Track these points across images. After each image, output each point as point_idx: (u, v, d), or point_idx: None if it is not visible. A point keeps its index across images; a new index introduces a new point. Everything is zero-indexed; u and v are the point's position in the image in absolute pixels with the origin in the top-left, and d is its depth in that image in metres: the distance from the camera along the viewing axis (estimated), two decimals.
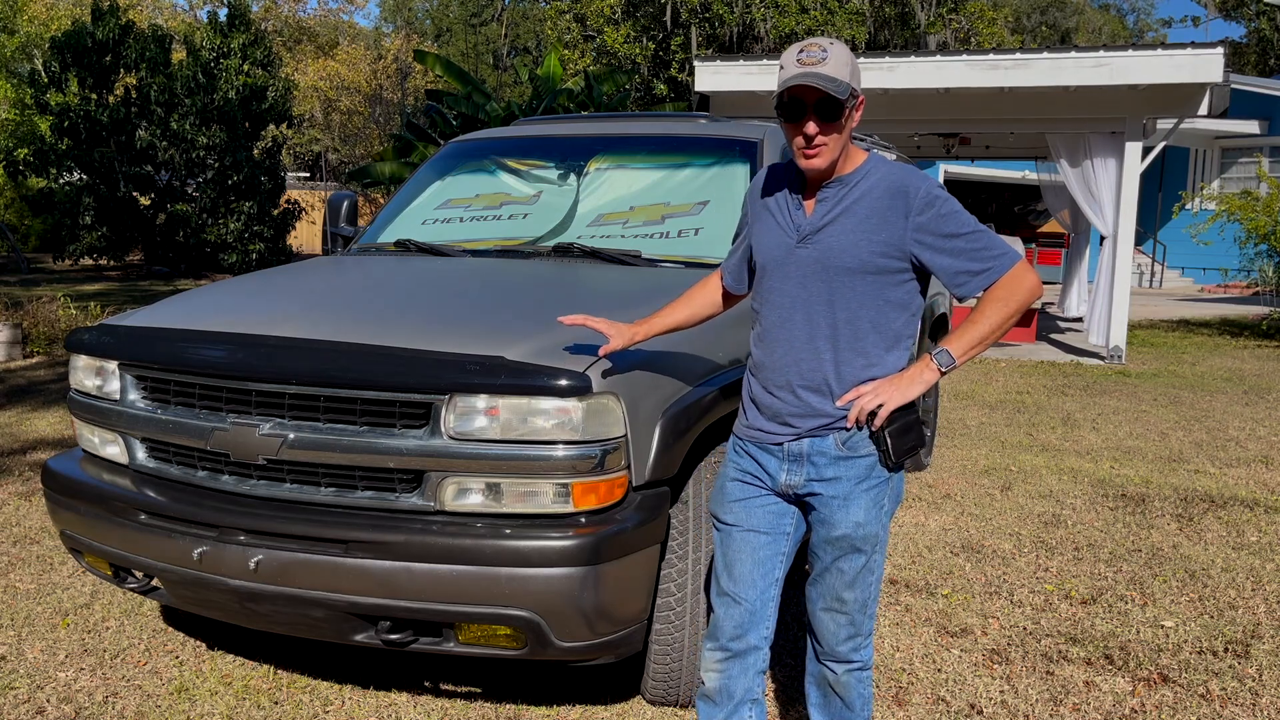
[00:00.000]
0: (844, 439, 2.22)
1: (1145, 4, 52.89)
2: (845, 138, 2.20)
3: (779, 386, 2.26)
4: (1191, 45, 9.26)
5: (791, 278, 2.24)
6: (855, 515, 2.23)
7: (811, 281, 2.22)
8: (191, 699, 3.10)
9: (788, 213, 2.29)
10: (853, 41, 23.32)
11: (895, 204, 2.18)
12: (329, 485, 2.72)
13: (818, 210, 2.24)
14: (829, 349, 2.21)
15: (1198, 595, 4.05)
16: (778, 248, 2.27)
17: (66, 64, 18.35)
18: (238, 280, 3.67)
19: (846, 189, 2.22)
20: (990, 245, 2.19)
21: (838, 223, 2.20)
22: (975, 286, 2.19)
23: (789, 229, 2.27)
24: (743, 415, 2.38)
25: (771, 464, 2.28)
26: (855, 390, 2.20)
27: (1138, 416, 7.67)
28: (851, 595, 2.30)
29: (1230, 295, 19.18)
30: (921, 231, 2.18)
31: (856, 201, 2.21)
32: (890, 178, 2.22)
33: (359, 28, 44.58)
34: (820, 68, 2.11)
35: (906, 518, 5.01)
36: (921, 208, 2.17)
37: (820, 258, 2.21)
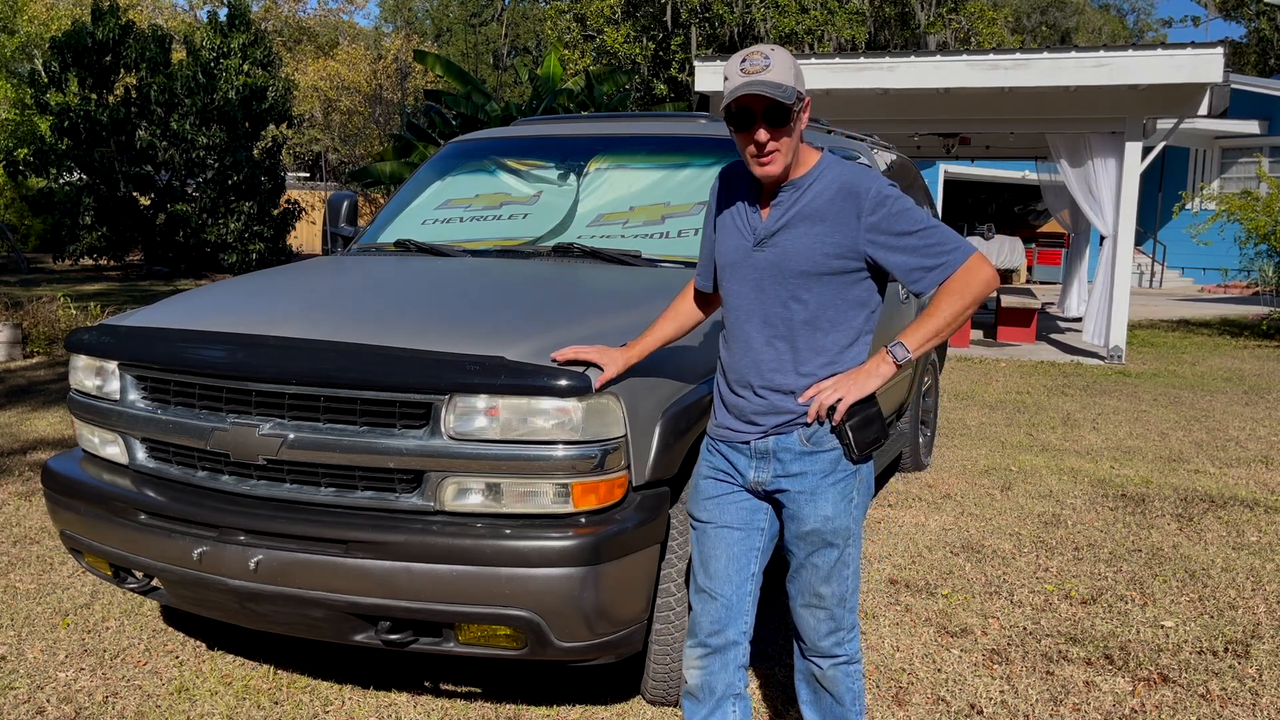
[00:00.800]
0: (808, 434, 2.25)
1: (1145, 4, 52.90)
2: (796, 141, 2.22)
3: (742, 386, 2.30)
4: (1191, 45, 9.27)
5: (749, 280, 2.28)
6: (824, 509, 2.26)
7: (768, 284, 2.25)
8: (191, 699, 3.10)
9: (745, 216, 2.31)
10: (852, 42, 23.32)
11: (847, 205, 2.20)
12: (329, 485, 2.72)
13: (773, 214, 2.26)
14: (788, 349, 2.25)
15: (1198, 595, 4.05)
16: (735, 251, 2.30)
17: (66, 64, 18.34)
18: (238, 280, 3.67)
19: (800, 192, 2.24)
20: (943, 241, 2.21)
21: (792, 226, 2.23)
22: (930, 282, 2.21)
23: (746, 232, 2.30)
24: (713, 414, 2.41)
25: (740, 461, 2.31)
26: (815, 386, 2.24)
27: (1138, 416, 7.67)
28: (828, 590, 2.32)
29: (1230, 295, 19.18)
30: (874, 231, 2.20)
31: (809, 204, 2.23)
32: (841, 179, 2.24)
33: (359, 28, 44.59)
34: (765, 75, 2.13)
35: (906, 518, 5.01)
36: (873, 208, 2.19)
37: (776, 261, 2.24)
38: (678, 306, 2.60)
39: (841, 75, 10.07)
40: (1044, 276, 20.99)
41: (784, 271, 2.23)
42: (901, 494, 5.43)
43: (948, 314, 2.21)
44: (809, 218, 2.22)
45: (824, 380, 2.24)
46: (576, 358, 2.53)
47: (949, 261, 2.20)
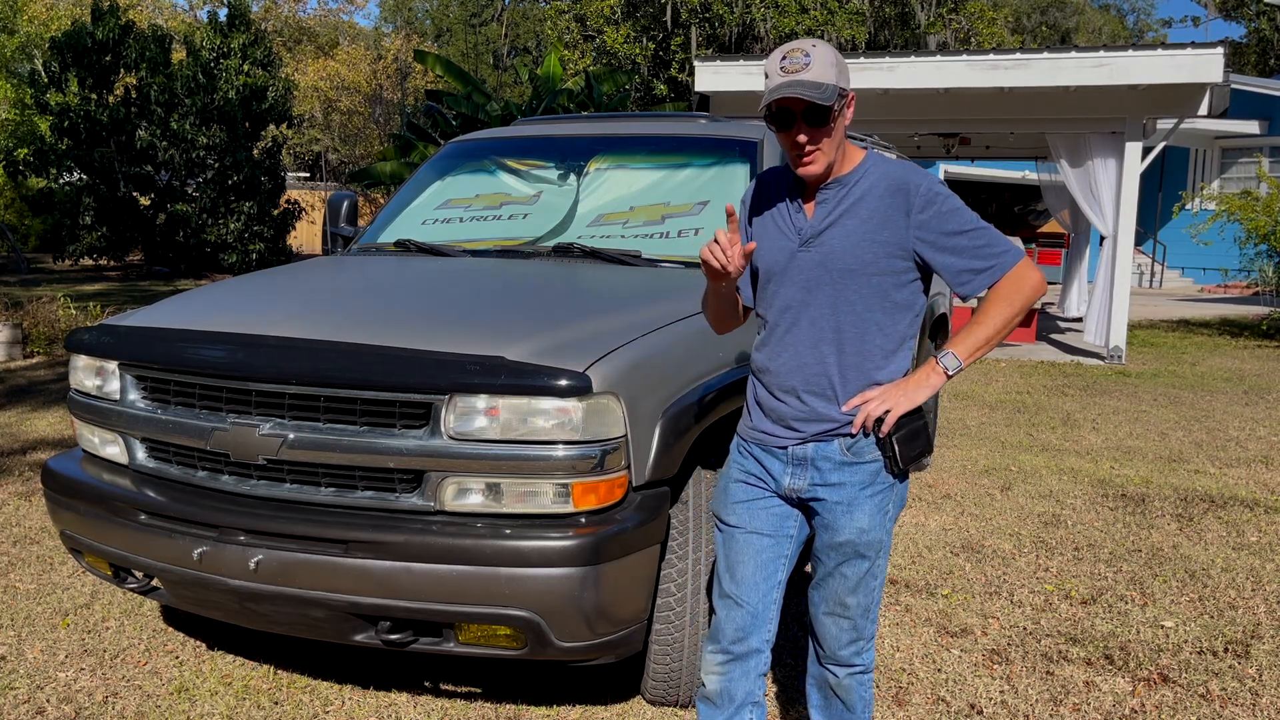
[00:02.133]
0: (849, 444, 2.20)
1: (1145, 4, 52.90)
2: (839, 139, 2.17)
3: (784, 391, 2.24)
4: (1191, 45, 9.27)
5: (795, 282, 2.22)
6: (859, 521, 2.21)
7: (815, 285, 2.20)
8: (191, 699, 3.10)
9: (788, 217, 2.26)
10: (852, 41, 23.32)
11: (896, 202, 2.15)
12: (329, 485, 2.72)
13: (818, 212, 2.21)
14: (833, 353, 2.19)
15: (1198, 595, 4.05)
16: (780, 252, 2.24)
17: (66, 64, 18.35)
18: (238, 280, 3.67)
19: (846, 189, 2.20)
20: (993, 243, 2.16)
21: (839, 224, 2.18)
22: (979, 285, 2.16)
23: (790, 233, 2.24)
24: (747, 416, 2.35)
25: (775, 467, 2.26)
26: (861, 395, 2.18)
27: (1138, 416, 7.67)
28: (854, 600, 2.28)
29: (1230, 295, 19.18)
30: (923, 229, 2.15)
31: (857, 202, 2.18)
32: (890, 175, 2.19)
33: (359, 28, 44.59)
34: (805, 74, 2.09)
35: (906, 518, 5.01)
36: (923, 205, 2.15)
37: (823, 260, 2.18)
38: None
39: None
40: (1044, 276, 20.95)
41: (832, 271, 2.17)
42: None
43: (998, 321, 2.16)
44: (857, 215, 2.17)
45: (870, 390, 2.18)
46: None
47: (999, 264, 2.15)
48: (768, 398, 2.27)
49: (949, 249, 2.16)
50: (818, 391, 2.20)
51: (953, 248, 2.16)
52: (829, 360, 2.19)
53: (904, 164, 2.23)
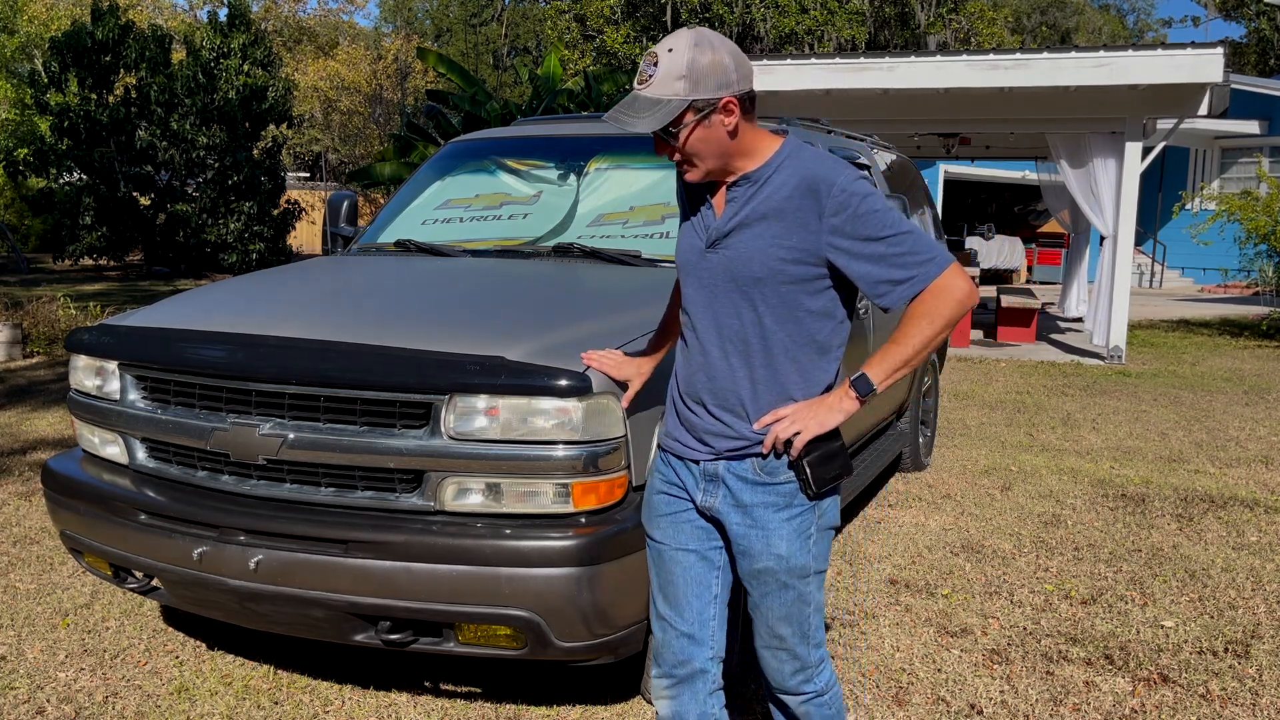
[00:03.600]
0: (761, 464, 2.02)
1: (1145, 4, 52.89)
2: (720, 145, 1.96)
3: (695, 401, 2.08)
4: (1191, 45, 9.27)
5: (704, 285, 2.04)
6: (777, 547, 2.03)
7: (722, 290, 2.02)
8: (191, 699, 3.10)
9: (701, 213, 2.09)
10: (852, 42, 23.32)
11: (807, 203, 1.95)
12: (329, 485, 2.72)
13: (727, 211, 2.02)
14: (743, 365, 2.01)
15: (1198, 595, 4.05)
16: (690, 251, 2.08)
17: (66, 64, 18.35)
18: (238, 280, 3.67)
19: (755, 186, 2.00)
20: (916, 249, 1.93)
21: (747, 226, 1.99)
22: (898, 298, 1.95)
23: (701, 230, 2.07)
24: (665, 421, 2.19)
25: (689, 480, 2.11)
26: (772, 414, 2.00)
27: (1138, 416, 7.67)
28: (788, 630, 2.10)
29: (1230, 295, 19.18)
30: (836, 234, 1.93)
31: (766, 200, 1.98)
32: (802, 173, 1.97)
33: (359, 28, 44.59)
34: (644, 89, 1.92)
35: (906, 518, 5.01)
36: (836, 207, 1.93)
37: (729, 265, 2.00)
38: (667, 318, 2.42)
39: (841, 75, 10.07)
40: (1044, 276, 20.99)
41: (737, 277, 1.99)
42: (901, 494, 5.43)
43: (918, 340, 1.96)
44: (765, 216, 1.97)
45: (783, 408, 2.00)
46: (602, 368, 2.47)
47: (921, 275, 1.92)
48: (681, 405, 2.12)
49: (865, 256, 1.93)
50: (727, 406, 2.04)
51: (870, 255, 1.93)
52: (739, 373, 2.02)
53: (820, 157, 2.01)
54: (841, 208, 1.93)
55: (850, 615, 3.78)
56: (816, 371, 2.03)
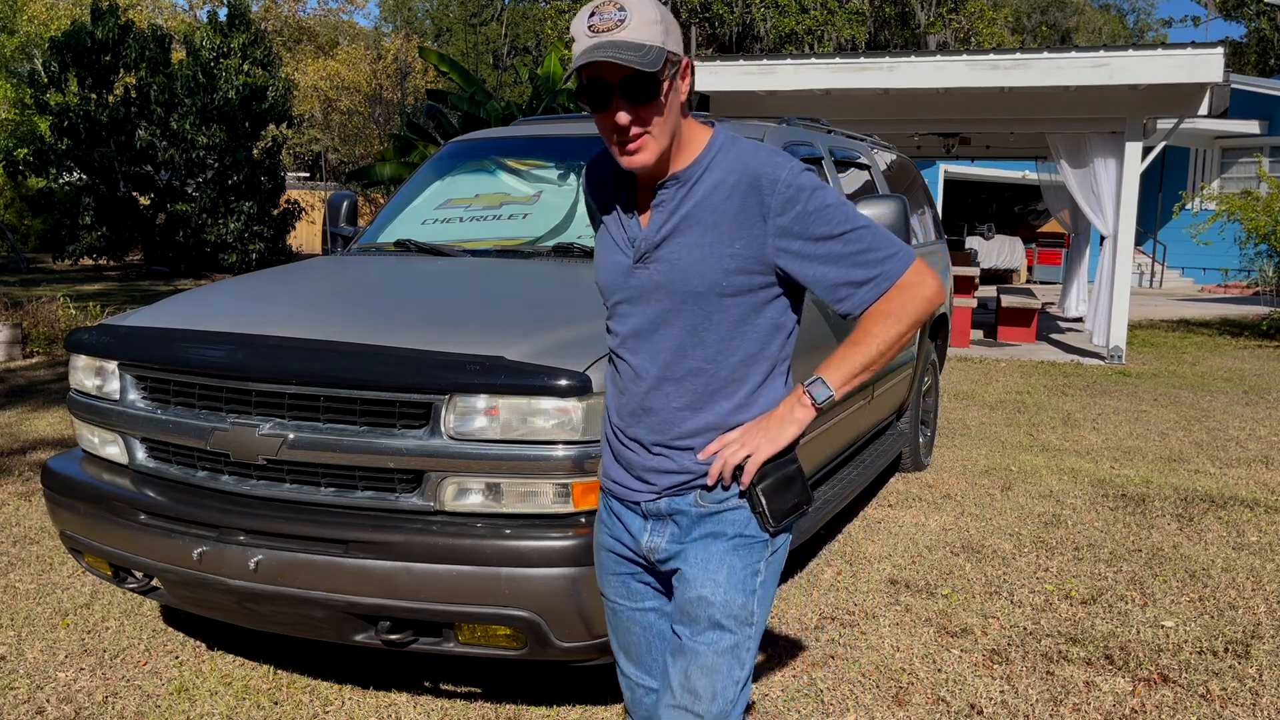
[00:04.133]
0: (706, 495, 1.78)
1: (1145, 4, 52.91)
2: (673, 120, 1.69)
3: (631, 438, 1.83)
4: (1191, 45, 9.26)
5: (635, 306, 1.79)
6: (717, 574, 1.77)
7: (656, 310, 1.76)
8: (191, 699, 3.10)
9: (620, 224, 1.81)
10: (852, 41, 23.33)
11: (748, 203, 1.70)
12: (329, 485, 2.72)
13: (654, 219, 1.76)
14: (685, 392, 1.77)
15: (1198, 595, 4.05)
16: (614, 269, 1.81)
17: (66, 64, 18.36)
18: (238, 280, 3.67)
19: (686, 187, 1.74)
20: (876, 245, 1.71)
21: (680, 234, 1.73)
22: (861, 301, 1.73)
23: (624, 245, 1.80)
24: (602, 460, 1.95)
25: (634, 524, 1.87)
26: (719, 440, 1.76)
27: (1138, 416, 7.67)
28: (706, 685, 1.76)
29: (1230, 295, 19.18)
30: (786, 236, 1.70)
31: (701, 203, 1.73)
32: (740, 167, 1.72)
33: (359, 28, 44.60)
34: (619, 33, 1.62)
35: (906, 518, 5.01)
36: (782, 205, 1.69)
37: (663, 282, 1.74)
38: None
39: (841, 75, 10.07)
40: (1044, 276, 20.99)
41: (674, 295, 1.73)
42: (901, 494, 5.43)
43: (882, 341, 1.73)
44: (700, 221, 1.72)
45: (729, 433, 1.76)
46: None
47: (885, 272, 1.71)
48: (616, 441, 1.87)
49: (820, 258, 1.70)
50: (668, 439, 1.79)
51: (825, 256, 1.70)
52: (680, 400, 1.78)
53: (757, 149, 1.75)
54: (788, 205, 1.68)
55: (850, 615, 3.78)
56: (768, 392, 1.80)
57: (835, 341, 3.91)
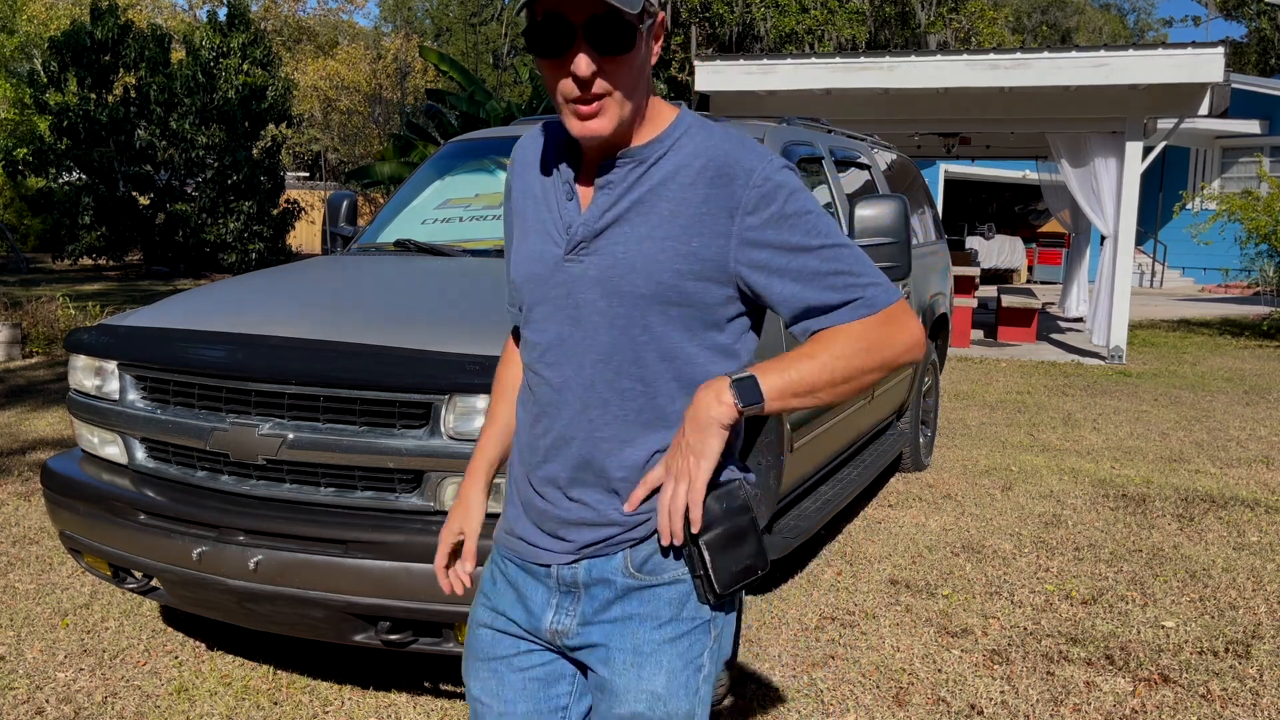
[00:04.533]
0: (639, 558, 1.43)
1: (1146, 4, 52.91)
2: (642, 83, 1.38)
3: (547, 480, 1.46)
4: (1192, 45, 9.26)
5: (560, 308, 1.43)
6: (652, 681, 1.42)
7: (588, 314, 1.41)
8: (191, 699, 3.10)
9: (555, 205, 1.47)
10: (853, 41, 23.32)
11: (716, 194, 1.39)
12: (328, 485, 2.72)
13: (599, 201, 1.42)
14: (615, 422, 1.42)
15: (1198, 595, 4.04)
16: (539, 261, 1.46)
17: (65, 64, 18.35)
18: (237, 280, 3.67)
19: (643, 168, 1.41)
20: (858, 268, 1.40)
21: (628, 222, 1.40)
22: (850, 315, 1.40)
23: (555, 231, 1.45)
24: (503, 511, 1.57)
25: (537, 595, 1.49)
26: (643, 484, 1.40)
27: (1138, 416, 7.67)
28: None
29: (1231, 295, 19.18)
30: (753, 245, 1.38)
31: (658, 188, 1.40)
32: (710, 153, 1.41)
33: (359, 27, 44.59)
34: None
35: (907, 518, 5.01)
36: (755, 202, 1.38)
37: (601, 277, 1.40)
38: (503, 377, 1.68)
39: (841, 75, 10.07)
40: (1044, 276, 21.00)
41: (614, 295, 1.40)
42: (902, 494, 5.43)
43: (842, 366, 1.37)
44: (655, 209, 1.40)
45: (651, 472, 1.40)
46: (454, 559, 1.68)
47: (865, 299, 1.39)
48: (525, 486, 1.50)
49: (791, 273, 1.38)
50: (591, 481, 1.44)
51: (797, 271, 1.38)
52: (609, 432, 1.43)
53: (731, 135, 1.44)
54: (763, 202, 1.38)
55: (850, 615, 3.77)
56: None
57: None
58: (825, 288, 1.39)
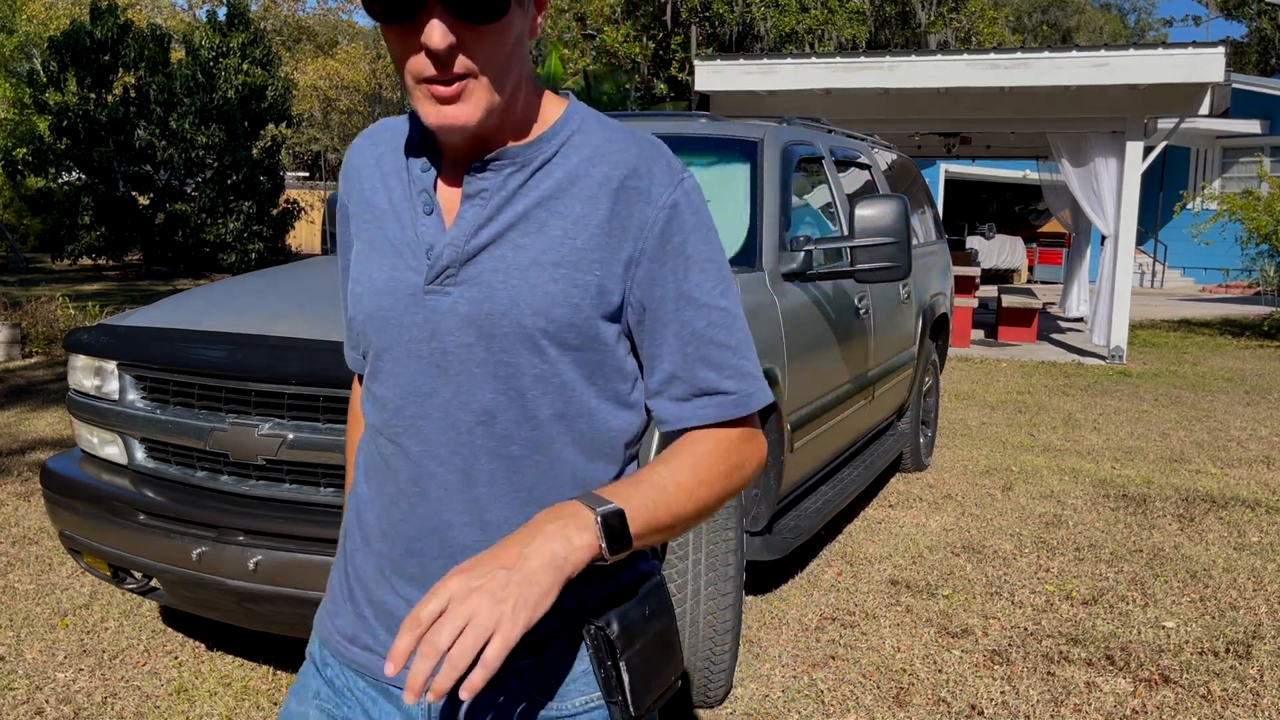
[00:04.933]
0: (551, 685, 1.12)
1: (1146, 3, 52.90)
2: (518, 61, 1.07)
3: (402, 574, 1.14)
4: (1192, 45, 9.26)
5: (420, 356, 1.11)
6: None
7: (462, 365, 1.10)
8: (191, 699, 3.09)
9: (409, 221, 1.13)
10: (853, 41, 23.33)
11: (621, 212, 1.09)
12: (328, 485, 2.71)
13: (468, 216, 1.10)
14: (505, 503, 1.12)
15: (1199, 596, 4.04)
16: (388, 293, 1.13)
17: (65, 63, 18.35)
18: (237, 280, 3.67)
19: (527, 173, 1.11)
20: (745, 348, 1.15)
21: (509, 243, 1.09)
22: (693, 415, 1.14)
23: (411, 254, 1.12)
24: (330, 606, 1.24)
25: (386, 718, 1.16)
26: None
27: (1139, 417, 7.67)
28: None
29: (1231, 295, 19.18)
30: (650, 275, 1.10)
31: (550, 202, 1.10)
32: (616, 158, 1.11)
33: (358, 27, 44.58)
34: None
35: (907, 518, 5.00)
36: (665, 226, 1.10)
37: (476, 315, 1.09)
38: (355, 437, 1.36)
39: (841, 75, 10.07)
40: (1045, 276, 21.00)
41: (494, 336, 1.09)
42: (902, 494, 5.43)
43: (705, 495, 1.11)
44: (547, 227, 1.09)
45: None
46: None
47: (743, 396, 1.13)
48: (377, 583, 1.16)
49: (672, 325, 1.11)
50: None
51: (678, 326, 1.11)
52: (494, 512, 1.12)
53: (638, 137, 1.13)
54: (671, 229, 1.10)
55: (851, 616, 3.77)
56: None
57: (837, 345, 3.90)
58: (705, 363, 1.12)
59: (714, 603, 2.86)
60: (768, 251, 3.58)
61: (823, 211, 4.37)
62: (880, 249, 3.65)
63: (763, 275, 3.49)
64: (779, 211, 3.73)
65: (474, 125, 1.05)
